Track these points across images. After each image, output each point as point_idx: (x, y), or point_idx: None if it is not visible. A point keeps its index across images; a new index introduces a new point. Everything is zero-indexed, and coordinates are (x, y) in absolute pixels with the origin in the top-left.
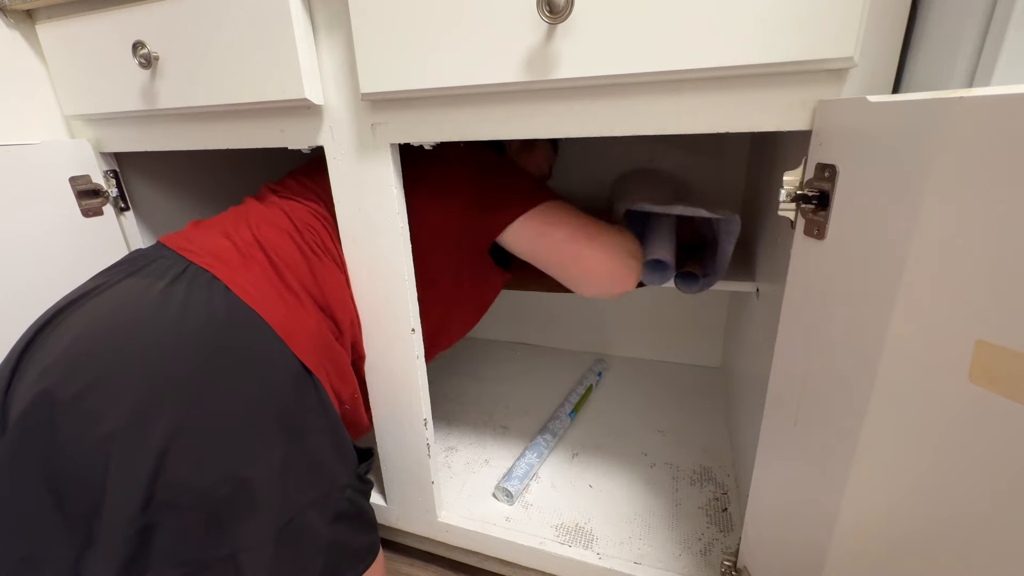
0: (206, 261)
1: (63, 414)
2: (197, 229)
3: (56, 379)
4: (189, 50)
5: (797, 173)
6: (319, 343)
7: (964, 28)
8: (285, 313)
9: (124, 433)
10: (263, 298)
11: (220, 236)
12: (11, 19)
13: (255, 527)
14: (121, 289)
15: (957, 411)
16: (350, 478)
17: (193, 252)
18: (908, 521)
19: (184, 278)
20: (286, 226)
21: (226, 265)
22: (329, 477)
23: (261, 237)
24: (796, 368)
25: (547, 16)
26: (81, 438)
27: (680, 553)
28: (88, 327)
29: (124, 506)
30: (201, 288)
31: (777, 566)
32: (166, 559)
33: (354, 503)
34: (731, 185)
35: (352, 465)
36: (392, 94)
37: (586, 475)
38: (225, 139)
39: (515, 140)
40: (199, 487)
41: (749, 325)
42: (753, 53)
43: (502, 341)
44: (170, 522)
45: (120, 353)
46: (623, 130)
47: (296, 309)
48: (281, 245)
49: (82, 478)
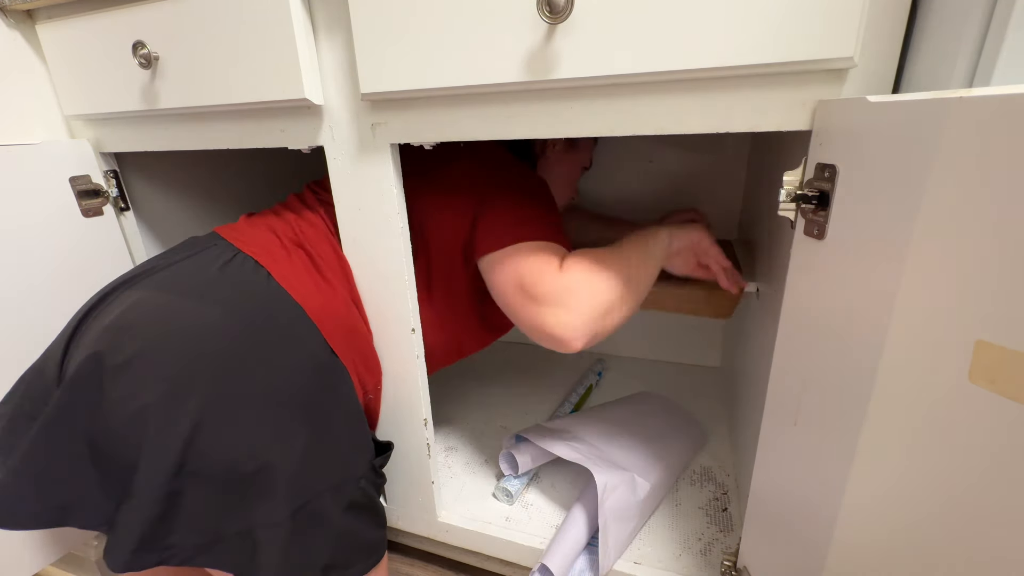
0: (252, 250)
1: (110, 378)
2: (247, 223)
3: (108, 344)
4: (189, 50)
5: (797, 173)
6: (349, 331)
7: (964, 28)
8: (320, 301)
9: (161, 404)
10: (301, 285)
11: (266, 230)
12: (11, 19)
13: (273, 505)
14: (178, 269)
15: (957, 411)
16: (366, 469)
17: (242, 242)
18: (908, 521)
19: (233, 264)
20: (322, 226)
21: (269, 255)
22: (345, 465)
23: (301, 234)
24: (796, 368)
25: (547, 16)
26: (123, 403)
27: (680, 553)
28: (145, 300)
29: (158, 469)
30: (247, 274)
31: (777, 566)
32: (188, 525)
33: (367, 495)
34: (731, 185)
35: (369, 456)
36: (392, 94)
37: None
38: (225, 139)
39: (558, 140)
40: (226, 461)
41: (749, 325)
42: (753, 53)
43: (502, 341)
44: (197, 489)
45: (168, 328)
46: (623, 130)
47: (330, 297)
48: (318, 243)
49: (121, 439)
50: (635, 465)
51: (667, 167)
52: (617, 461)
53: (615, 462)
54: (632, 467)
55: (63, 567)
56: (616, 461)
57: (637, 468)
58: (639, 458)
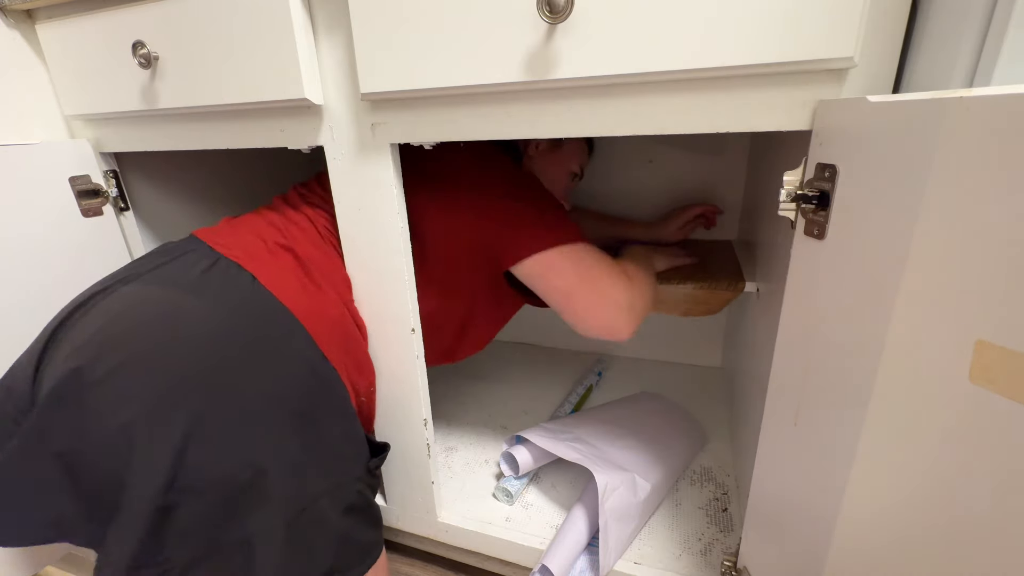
0: (235, 254)
1: (92, 394)
2: (229, 225)
3: (87, 359)
4: (189, 50)
5: (797, 173)
6: (340, 334)
7: (964, 28)
8: (308, 303)
9: (148, 419)
10: (288, 289)
11: (249, 233)
12: (11, 19)
13: (269, 514)
14: (154, 277)
15: (957, 411)
16: (361, 472)
17: (224, 245)
18: (908, 521)
19: (215, 270)
20: (309, 228)
21: (254, 258)
22: (341, 468)
23: (287, 236)
24: (796, 368)
25: (547, 16)
26: (107, 419)
27: (680, 553)
28: (121, 312)
29: (146, 487)
30: (230, 279)
31: (777, 566)
32: (182, 539)
33: (364, 497)
34: (731, 185)
35: (364, 459)
36: (392, 94)
37: (586, 475)
38: (225, 139)
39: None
40: (218, 473)
41: (749, 325)
42: (753, 53)
43: (502, 341)
44: (189, 504)
45: (149, 340)
46: (624, 130)
47: (319, 299)
48: (306, 245)
49: (106, 457)
50: (635, 465)
51: (667, 167)
52: (617, 461)
53: (615, 462)
54: (633, 467)
55: (63, 567)
56: (616, 461)
57: (637, 468)
58: (639, 458)
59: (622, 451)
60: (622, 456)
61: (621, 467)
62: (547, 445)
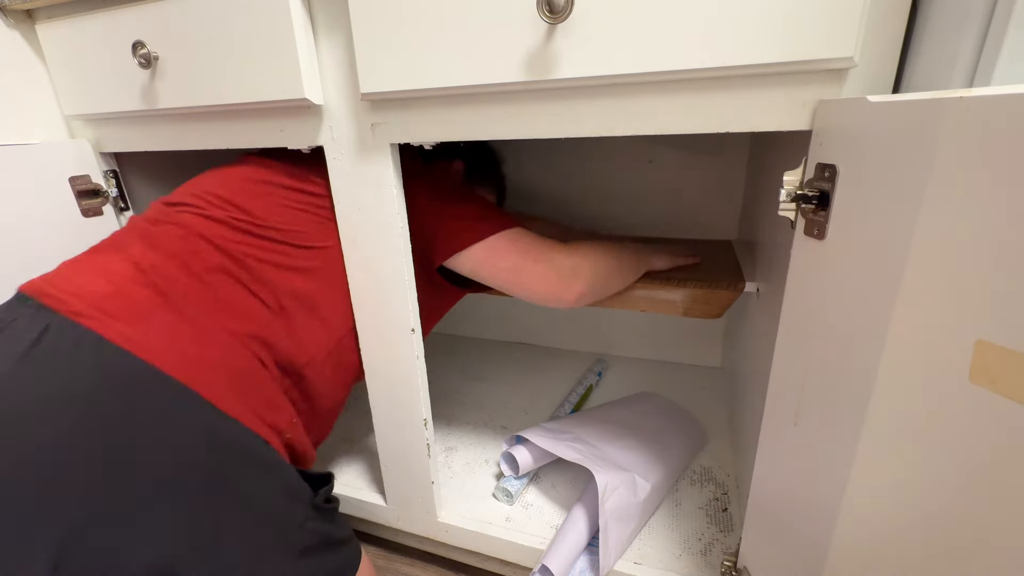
0: (74, 308)
1: None
2: (68, 267)
3: None
4: (189, 50)
5: (797, 173)
6: (236, 375)
7: (964, 28)
8: (181, 352)
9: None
10: (155, 341)
11: (93, 273)
12: (11, 19)
13: None
14: None
15: (957, 411)
16: (305, 511)
17: (57, 299)
18: (908, 521)
19: (45, 341)
20: (190, 252)
21: (98, 309)
22: (282, 520)
23: (149, 265)
24: (796, 368)
25: (547, 16)
26: None
27: (680, 553)
28: None
29: None
30: (67, 349)
31: (777, 566)
32: None
33: (317, 533)
34: (731, 185)
35: (307, 498)
36: (392, 94)
37: (586, 475)
38: (225, 139)
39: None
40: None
41: (749, 325)
42: (753, 53)
43: (502, 341)
44: None
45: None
46: (623, 130)
47: (197, 344)
48: (178, 277)
49: None
50: (636, 465)
51: (667, 167)
52: (617, 461)
53: (615, 462)
54: (633, 467)
55: None
56: (616, 461)
57: (638, 468)
58: (639, 458)
59: (622, 451)
60: (622, 456)
61: (621, 467)
62: (547, 445)
